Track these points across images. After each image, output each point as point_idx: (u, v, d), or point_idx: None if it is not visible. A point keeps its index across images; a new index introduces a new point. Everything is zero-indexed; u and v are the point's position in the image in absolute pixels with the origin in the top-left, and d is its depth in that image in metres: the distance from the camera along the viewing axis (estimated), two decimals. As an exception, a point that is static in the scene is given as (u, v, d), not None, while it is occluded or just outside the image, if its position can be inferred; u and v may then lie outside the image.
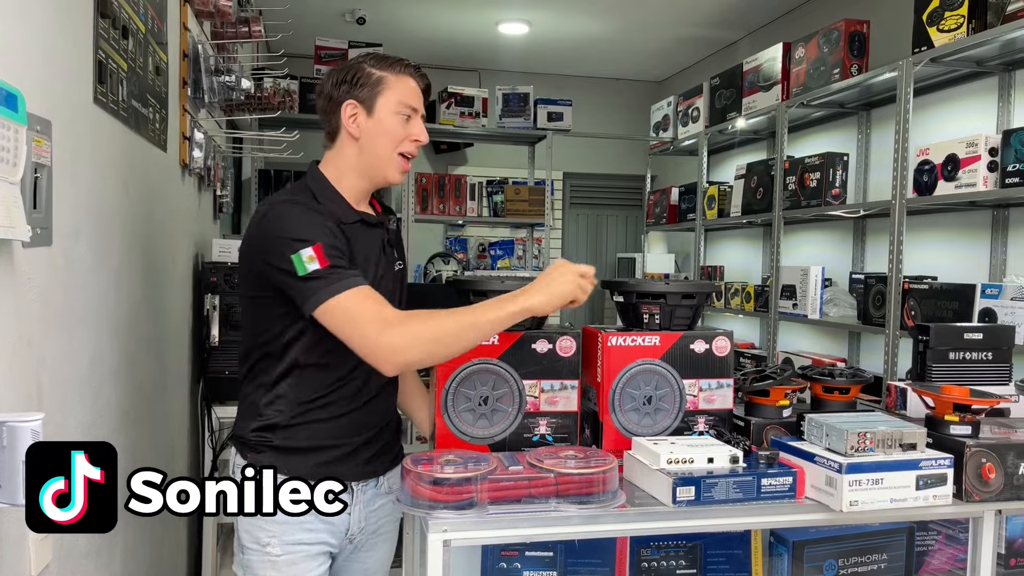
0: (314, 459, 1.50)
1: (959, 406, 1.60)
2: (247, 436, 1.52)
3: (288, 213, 1.45)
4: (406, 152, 1.56)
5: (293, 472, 1.43)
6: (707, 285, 1.78)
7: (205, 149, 2.62)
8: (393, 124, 1.53)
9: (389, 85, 1.54)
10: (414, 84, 1.57)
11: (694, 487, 1.42)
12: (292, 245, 1.39)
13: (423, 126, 1.58)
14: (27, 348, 1.16)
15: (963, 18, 2.85)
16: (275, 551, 1.47)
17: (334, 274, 1.39)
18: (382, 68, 1.54)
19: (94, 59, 1.46)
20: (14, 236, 1.03)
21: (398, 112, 1.54)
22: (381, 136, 1.53)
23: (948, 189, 2.88)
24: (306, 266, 1.38)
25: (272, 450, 1.49)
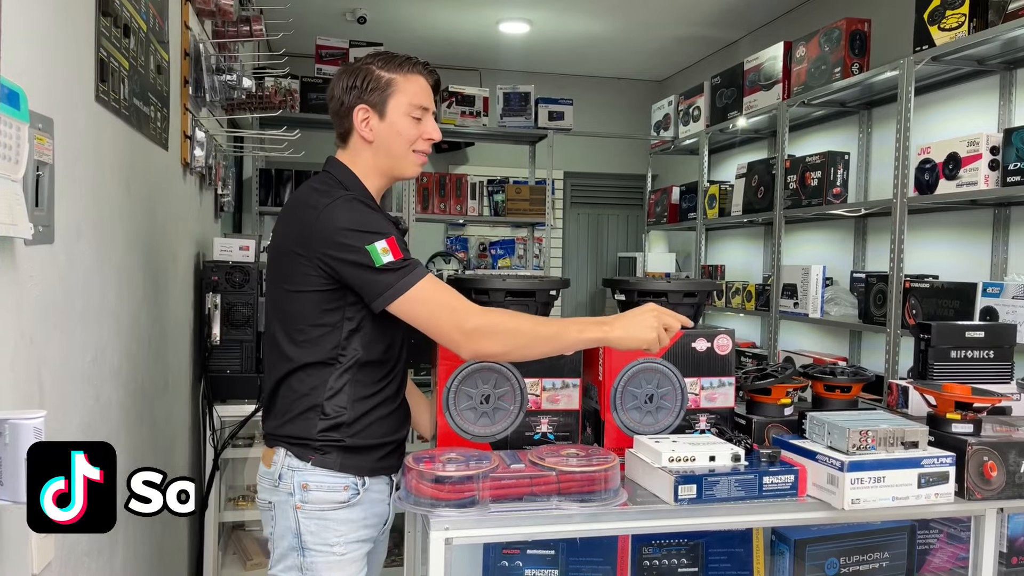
0: (376, 455, 1.54)
1: (961, 404, 1.60)
2: (312, 437, 1.49)
3: (355, 208, 1.46)
4: (420, 150, 1.59)
5: (354, 469, 1.51)
6: (708, 283, 1.78)
7: (206, 148, 2.62)
8: (405, 126, 1.55)
9: (399, 87, 1.55)
10: (423, 82, 1.59)
11: (696, 485, 1.42)
12: (367, 237, 1.42)
13: (435, 123, 1.60)
14: (29, 346, 1.16)
15: (964, 17, 2.85)
16: (340, 550, 1.49)
17: (408, 265, 1.43)
18: (391, 70, 1.55)
19: (96, 57, 1.46)
20: (16, 234, 1.03)
21: (409, 114, 1.55)
22: (394, 138, 1.56)
23: (949, 188, 2.88)
24: (382, 258, 1.41)
25: (339, 450, 1.49)
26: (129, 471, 1.76)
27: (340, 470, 1.49)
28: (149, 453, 1.99)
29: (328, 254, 1.43)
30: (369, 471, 1.53)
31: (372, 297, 1.43)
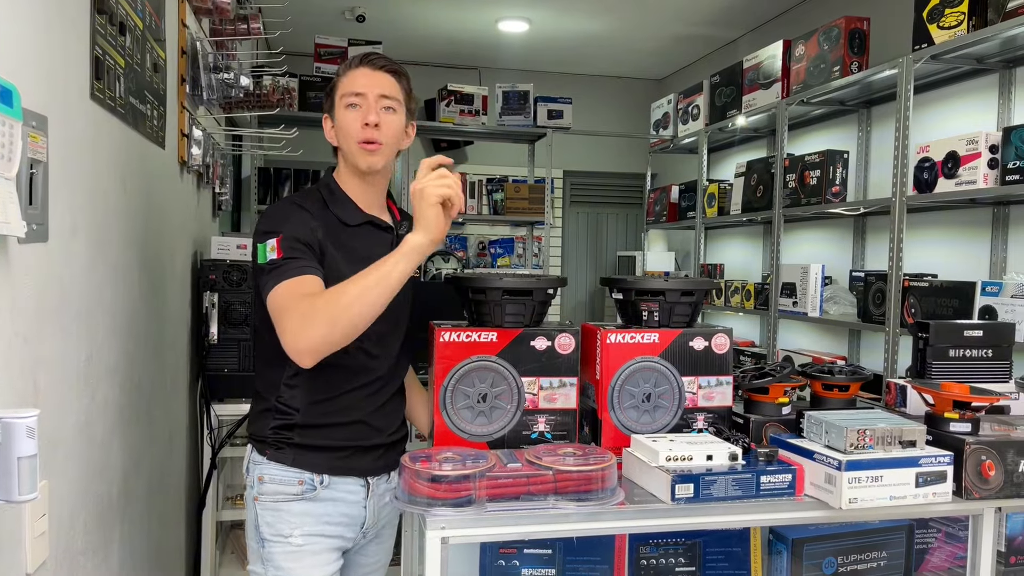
0: (335, 455, 1.56)
1: (959, 403, 1.59)
2: (266, 435, 1.56)
3: (275, 207, 1.55)
4: (362, 138, 1.55)
5: (309, 466, 1.54)
6: (706, 282, 1.77)
7: (204, 147, 2.62)
8: (345, 121, 1.56)
9: (339, 85, 1.58)
10: (357, 73, 1.57)
11: (693, 484, 1.41)
12: (261, 237, 1.48)
13: (372, 107, 1.54)
14: (23, 345, 1.16)
15: (963, 15, 2.84)
16: (297, 540, 1.53)
17: (285, 265, 1.43)
18: (338, 73, 1.61)
19: (91, 55, 1.45)
20: (9, 232, 1.02)
21: (346, 105, 1.56)
22: (343, 136, 1.58)
23: (948, 187, 2.87)
24: (266, 255, 1.45)
25: (292, 447, 1.54)
26: (125, 470, 1.76)
27: (293, 465, 1.54)
28: (146, 452, 1.99)
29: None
30: (327, 469, 1.55)
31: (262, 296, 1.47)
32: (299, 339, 1.37)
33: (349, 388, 1.56)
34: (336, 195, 1.60)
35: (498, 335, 1.61)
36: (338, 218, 1.57)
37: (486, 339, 1.61)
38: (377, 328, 1.49)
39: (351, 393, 1.56)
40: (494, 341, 1.61)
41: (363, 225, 1.59)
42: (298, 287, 1.41)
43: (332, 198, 1.59)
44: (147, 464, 2.01)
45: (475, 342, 1.61)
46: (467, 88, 4.83)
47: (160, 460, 2.19)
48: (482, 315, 1.65)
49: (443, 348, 1.60)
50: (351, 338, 1.39)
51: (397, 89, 1.59)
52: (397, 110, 1.59)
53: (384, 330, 1.57)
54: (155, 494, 2.11)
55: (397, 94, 1.59)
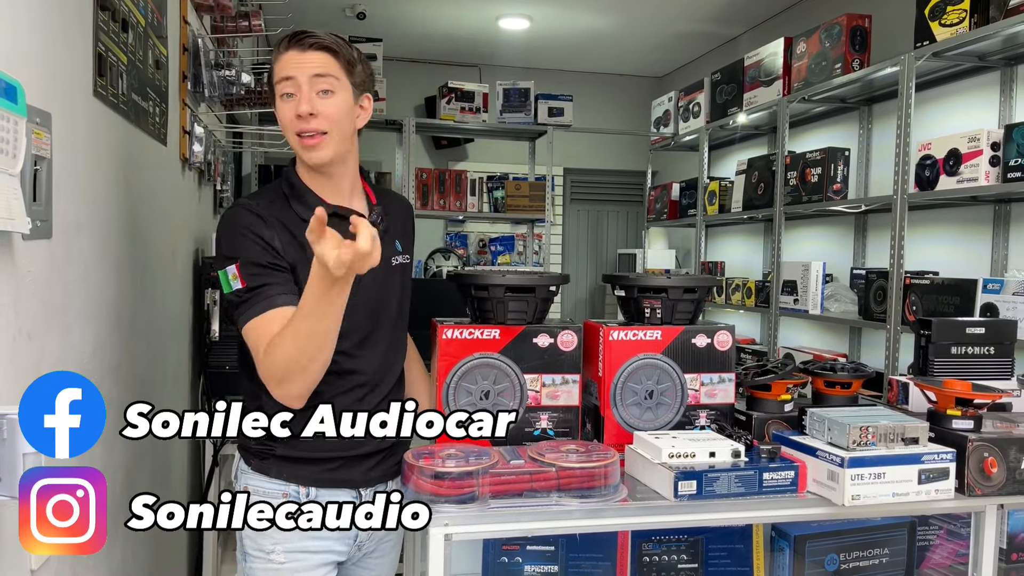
0: (321, 467, 1.48)
1: (961, 400, 1.59)
2: (250, 444, 1.49)
3: (230, 219, 1.42)
4: (297, 131, 1.40)
5: (294, 478, 1.46)
6: (708, 279, 1.77)
7: (205, 144, 2.62)
8: (280, 113, 1.42)
9: (272, 73, 1.44)
10: (285, 56, 1.41)
11: (695, 481, 1.42)
12: (221, 262, 1.39)
13: (304, 95, 1.39)
14: (27, 341, 1.16)
15: (965, 12, 2.84)
16: (279, 558, 1.45)
17: (248, 298, 1.37)
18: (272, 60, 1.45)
19: (94, 52, 1.45)
20: (14, 228, 1.03)
21: (279, 95, 1.41)
22: (282, 129, 1.45)
23: (950, 184, 2.87)
24: (231, 284, 1.37)
25: (275, 457, 1.47)
26: (127, 467, 1.77)
27: (276, 476, 1.47)
28: (148, 450, 1.99)
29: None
30: (313, 481, 1.48)
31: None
32: (280, 393, 1.36)
33: (334, 393, 1.45)
34: (296, 189, 1.47)
35: (501, 332, 1.61)
36: (298, 214, 1.43)
37: (489, 336, 1.61)
38: (356, 325, 1.44)
39: (337, 399, 1.44)
40: (497, 338, 1.61)
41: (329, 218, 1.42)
42: (267, 327, 1.34)
43: (293, 193, 1.47)
44: (149, 460, 2.01)
45: (478, 339, 1.61)
46: (468, 85, 4.83)
47: (161, 457, 2.19)
48: (485, 312, 1.65)
49: (446, 345, 1.60)
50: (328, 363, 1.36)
51: (334, 65, 1.41)
52: (336, 90, 1.41)
53: (366, 328, 1.50)
54: (157, 491, 2.11)
55: (334, 71, 1.40)
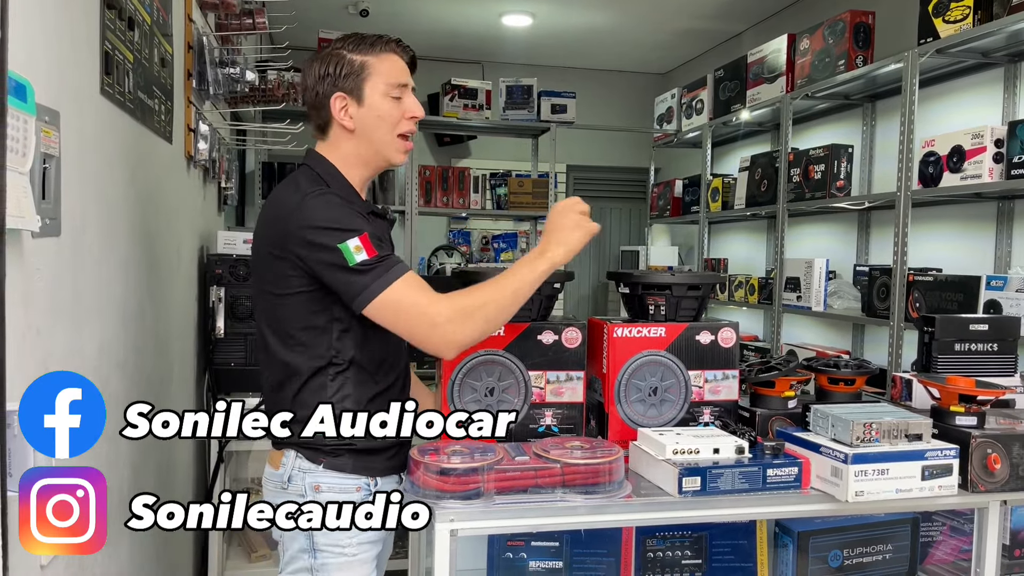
0: (386, 455, 1.51)
1: (965, 397, 1.60)
2: (324, 441, 1.43)
3: (327, 203, 1.41)
4: (405, 132, 1.52)
5: (367, 471, 1.48)
6: (712, 276, 1.78)
7: (210, 141, 2.62)
8: (386, 108, 1.49)
9: (374, 69, 1.49)
10: (398, 59, 1.52)
11: (700, 477, 1.42)
12: (338, 235, 1.36)
13: (416, 100, 1.54)
14: (36, 337, 1.17)
15: (969, 9, 2.84)
16: (352, 551, 1.47)
17: (382, 264, 1.37)
18: (363, 52, 1.49)
19: (101, 50, 1.46)
20: (24, 226, 1.03)
21: (388, 94, 1.49)
22: (376, 123, 1.49)
23: (953, 181, 2.87)
24: (355, 256, 1.36)
25: (351, 452, 1.47)
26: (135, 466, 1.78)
27: (353, 472, 1.47)
28: (153, 446, 2.00)
29: (303, 255, 1.38)
30: (381, 471, 1.51)
31: (350, 299, 1.39)
32: (456, 334, 1.38)
33: (388, 382, 1.53)
34: (342, 184, 1.51)
35: (505, 329, 1.61)
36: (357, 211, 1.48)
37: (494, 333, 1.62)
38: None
39: (391, 388, 1.54)
40: (501, 335, 1.62)
41: (369, 215, 1.51)
42: (419, 282, 1.39)
43: (345, 190, 1.50)
44: (155, 457, 2.02)
45: (482, 336, 1.61)
46: (471, 82, 4.83)
47: (167, 454, 2.20)
48: (489, 309, 1.65)
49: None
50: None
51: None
52: None
53: None
54: (163, 487, 2.12)
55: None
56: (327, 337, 1.45)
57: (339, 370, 1.47)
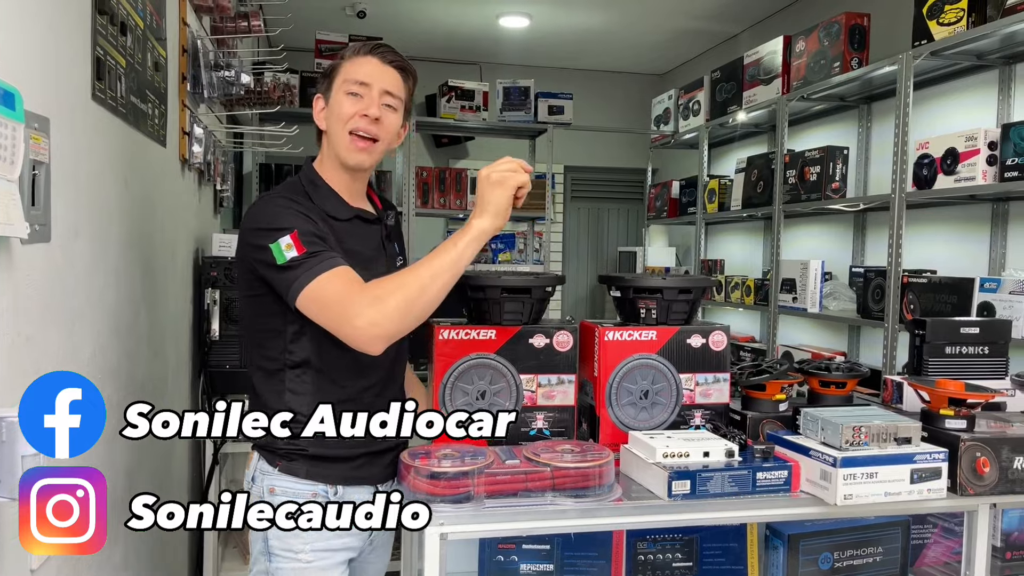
0: (348, 465, 1.50)
1: (954, 400, 1.60)
2: (278, 445, 1.47)
3: (267, 204, 1.45)
4: (355, 130, 1.48)
5: (322, 478, 1.48)
6: (703, 280, 1.78)
7: (205, 144, 2.63)
8: (339, 103, 1.49)
9: (341, 69, 1.51)
10: (372, 61, 1.50)
11: (689, 481, 1.43)
12: (271, 235, 1.38)
13: (375, 100, 1.48)
14: (26, 344, 1.17)
15: (963, 12, 2.84)
16: (306, 557, 1.47)
17: (309, 260, 1.36)
18: (345, 56, 1.52)
19: (92, 56, 1.46)
20: (12, 233, 1.04)
21: (345, 91, 1.48)
22: (333, 119, 1.50)
23: (947, 183, 2.88)
24: (284, 254, 1.36)
25: (304, 458, 1.48)
26: (130, 469, 1.78)
27: (306, 477, 1.48)
28: (148, 450, 2.00)
29: (248, 256, 1.43)
30: (341, 480, 1.50)
31: (285, 297, 1.39)
32: (374, 325, 1.32)
33: (358, 388, 1.51)
34: (320, 189, 1.52)
35: (497, 333, 1.62)
36: (326, 213, 1.50)
37: (485, 336, 1.63)
38: None
39: (361, 395, 1.51)
40: (493, 339, 1.62)
41: (352, 220, 1.53)
42: (345, 275, 1.36)
43: (316, 192, 1.51)
44: (149, 461, 2.03)
45: (474, 339, 1.62)
46: (468, 84, 4.84)
47: (162, 457, 2.20)
48: (481, 312, 1.66)
49: (442, 345, 1.61)
50: (417, 324, 1.38)
51: (402, 88, 1.53)
52: (397, 109, 1.53)
53: None
54: (158, 491, 2.13)
55: (401, 92, 1.53)
56: (282, 340, 1.47)
57: (296, 373, 1.48)
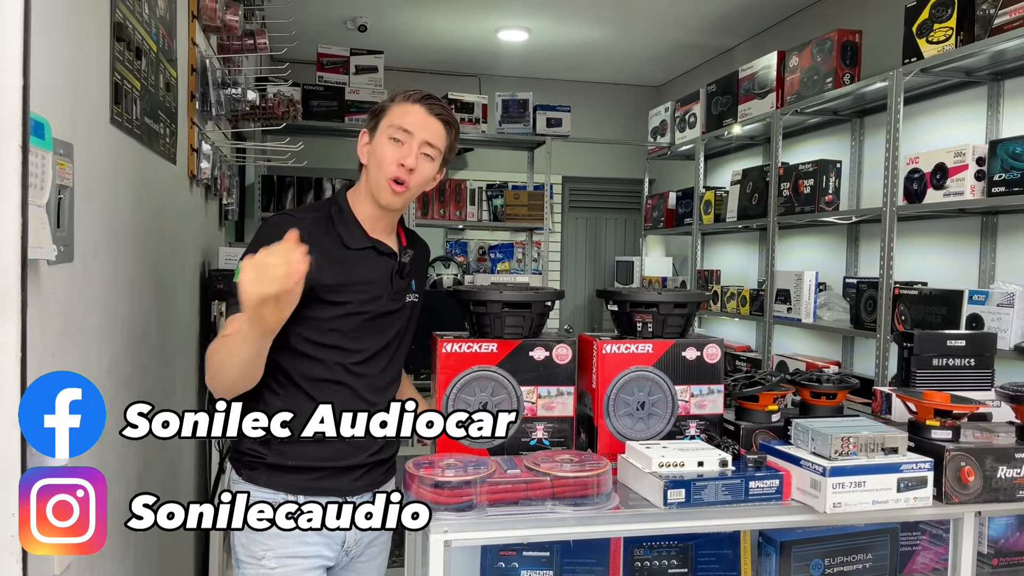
0: (308, 476, 1.53)
1: (940, 411, 1.66)
2: (242, 451, 1.55)
3: (268, 223, 1.54)
4: (394, 176, 1.54)
5: (282, 487, 1.51)
6: (697, 295, 1.84)
7: (212, 160, 2.69)
8: (383, 147, 1.55)
9: (389, 110, 1.57)
10: (412, 108, 1.56)
11: (684, 490, 1.48)
12: (247, 249, 1.44)
13: (414, 150, 1.54)
14: (51, 360, 1.23)
15: (951, 30, 2.91)
16: (270, 564, 1.50)
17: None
18: (395, 99, 1.58)
19: (111, 82, 1.52)
20: (41, 256, 1.09)
21: (389, 136, 1.55)
22: (374, 160, 1.56)
23: (937, 197, 2.95)
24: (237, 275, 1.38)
25: (264, 467, 1.52)
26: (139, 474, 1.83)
27: (266, 486, 1.52)
28: (157, 457, 2.05)
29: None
30: (300, 490, 1.52)
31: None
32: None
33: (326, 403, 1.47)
34: (344, 215, 1.59)
35: (498, 346, 1.68)
36: (341, 238, 1.56)
37: (487, 350, 1.68)
38: (364, 346, 1.55)
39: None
40: (494, 352, 1.68)
41: (365, 249, 1.58)
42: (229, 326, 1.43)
43: (340, 217, 1.58)
44: (159, 468, 2.08)
45: (476, 352, 1.67)
46: (467, 97, 4.91)
47: (171, 464, 2.26)
48: (483, 326, 1.72)
49: (445, 358, 1.66)
50: (239, 391, 1.44)
51: (443, 139, 1.59)
52: (435, 159, 1.58)
53: (373, 348, 1.58)
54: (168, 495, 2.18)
55: (441, 144, 1.58)
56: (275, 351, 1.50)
57: (274, 381, 1.53)
